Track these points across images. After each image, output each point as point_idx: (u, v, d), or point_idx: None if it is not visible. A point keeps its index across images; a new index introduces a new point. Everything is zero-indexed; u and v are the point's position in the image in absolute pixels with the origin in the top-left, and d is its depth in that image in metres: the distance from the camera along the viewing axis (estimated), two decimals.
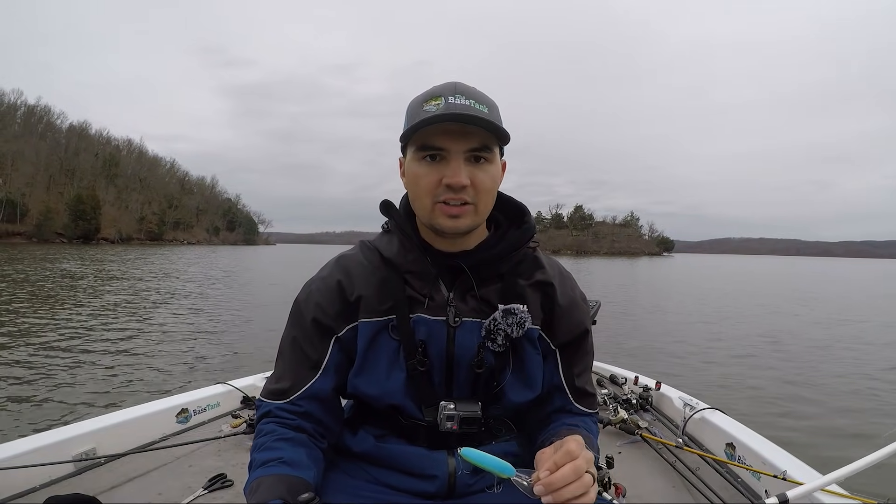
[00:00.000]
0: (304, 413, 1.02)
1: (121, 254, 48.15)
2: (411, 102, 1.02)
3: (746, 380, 7.07)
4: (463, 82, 1.01)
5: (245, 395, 2.62)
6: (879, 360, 8.56)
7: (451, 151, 0.96)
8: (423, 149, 0.97)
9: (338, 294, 1.06)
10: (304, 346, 1.05)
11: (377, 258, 1.09)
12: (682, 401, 2.53)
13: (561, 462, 0.80)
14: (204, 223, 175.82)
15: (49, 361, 6.80)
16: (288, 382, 1.04)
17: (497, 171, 1.02)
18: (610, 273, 41.12)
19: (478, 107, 0.95)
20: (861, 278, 45.02)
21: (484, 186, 0.98)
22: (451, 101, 0.95)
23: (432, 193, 0.97)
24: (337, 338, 1.06)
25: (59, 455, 1.82)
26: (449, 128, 0.95)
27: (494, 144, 0.99)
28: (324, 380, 1.04)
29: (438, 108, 0.94)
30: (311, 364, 1.04)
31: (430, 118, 0.93)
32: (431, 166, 0.97)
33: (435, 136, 0.96)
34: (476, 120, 0.93)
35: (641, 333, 10.86)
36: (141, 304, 13.22)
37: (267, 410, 1.03)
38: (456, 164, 0.95)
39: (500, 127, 0.96)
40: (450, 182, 0.95)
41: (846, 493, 1.65)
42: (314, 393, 1.03)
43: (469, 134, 0.96)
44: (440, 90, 0.98)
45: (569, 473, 0.78)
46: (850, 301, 20.58)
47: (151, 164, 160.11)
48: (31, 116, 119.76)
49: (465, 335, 1.04)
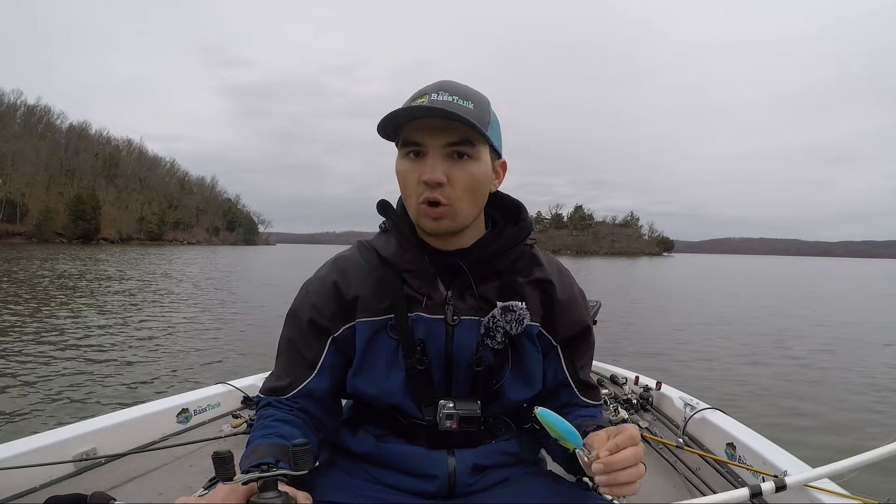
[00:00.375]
0: (300, 409, 1.04)
1: (119, 254, 48.20)
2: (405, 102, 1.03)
3: (747, 380, 7.07)
4: (454, 80, 1.00)
5: (246, 395, 2.61)
6: (880, 361, 8.57)
7: (428, 146, 0.95)
8: (405, 144, 0.98)
9: (334, 294, 1.06)
10: (301, 347, 1.06)
11: (375, 258, 1.09)
12: (683, 401, 2.53)
13: (623, 445, 0.80)
14: (204, 223, 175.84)
15: (49, 362, 6.80)
16: (285, 381, 1.05)
17: (482, 169, 0.99)
18: (610, 273, 41.16)
19: (461, 102, 0.95)
20: (861, 278, 45.03)
21: (462, 184, 0.96)
22: (434, 98, 0.94)
23: (416, 192, 0.97)
24: (333, 338, 1.06)
25: (60, 455, 1.81)
26: (428, 123, 0.94)
27: (479, 141, 0.97)
28: (319, 379, 1.05)
29: (422, 105, 0.94)
30: (307, 364, 1.05)
31: (397, 111, 0.93)
32: (414, 163, 0.97)
33: (415, 131, 0.96)
34: (446, 114, 0.90)
35: (642, 333, 10.86)
36: (141, 304, 13.22)
37: (266, 403, 1.05)
38: (433, 160, 0.95)
39: (471, 122, 0.91)
40: (425, 178, 0.94)
41: (846, 493, 1.65)
42: (309, 392, 1.04)
43: (448, 129, 0.94)
44: (427, 88, 0.98)
45: (630, 456, 0.78)
46: (850, 301, 20.58)
47: (151, 164, 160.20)
48: (30, 116, 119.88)
49: (463, 333, 1.04)
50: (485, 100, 1.01)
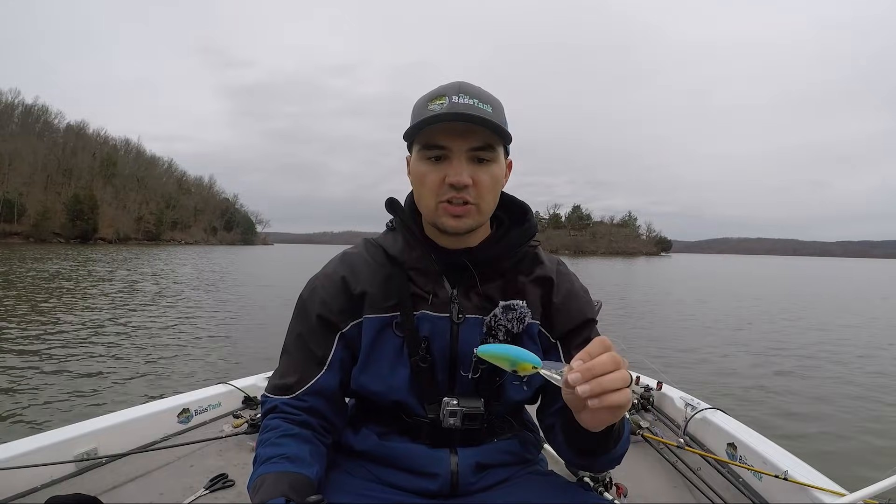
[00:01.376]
0: (308, 408, 1.02)
1: (115, 253, 48.09)
2: (417, 102, 1.03)
3: (748, 380, 7.07)
4: (468, 82, 1.01)
5: (246, 394, 2.61)
6: (880, 360, 8.58)
7: (453, 150, 0.97)
8: (427, 148, 0.98)
9: (342, 290, 1.06)
10: (310, 343, 1.06)
11: (382, 255, 1.10)
12: (684, 401, 2.53)
13: (596, 352, 0.71)
14: (202, 223, 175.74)
15: (50, 362, 6.79)
16: (293, 378, 1.04)
17: (500, 170, 1.02)
18: (608, 273, 41.13)
19: (481, 106, 0.96)
20: (861, 277, 45.05)
21: (486, 186, 0.99)
22: (455, 101, 0.95)
23: (436, 193, 0.99)
24: (342, 334, 1.06)
25: (61, 455, 1.82)
26: (452, 127, 0.95)
27: (498, 144, 1.00)
28: (329, 375, 1.04)
29: (442, 107, 0.95)
30: (316, 360, 1.05)
31: (431, 117, 0.94)
32: (435, 166, 0.98)
33: (438, 135, 0.97)
34: (477, 119, 0.93)
35: (642, 334, 10.87)
36: (141, 304, 13.18)
37: (272, 406, 1.03)
38: (458, 164, 0.96)
39: (502, 126, 0.96)
40: (452, 181, 0.96)
41: (846, 493, 1.66)
42: (319, 389, 1.03)
43: (472, 133, 0.96)
44: (445, 89, 0.98)
45: (607, 361, 0.70)
46: (851, 301, 20.60)
47: (149, 164, 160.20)
48: (28, 116, 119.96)
49: (468, 332, 1.04)
50: (500, 103, 1.02)
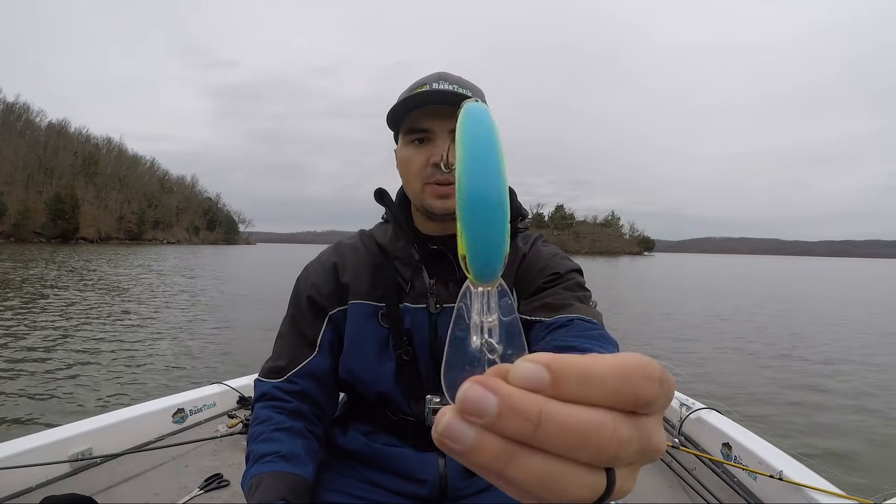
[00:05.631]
0: (300, 392, 1.02)
1: (97, 254, 47.47)
2: (400, 94, 1.04)
3: (742, 379, 7.12)
4: (448, 71, 1.03)
5: (241, 395, 2.60)
6: (878, 359, 8.69)
7: (436, 132, 0.98)
8: (411, 132, 1.00)
9: (332, 275, 1.08)
10: (301, 324, 1.06)
11: (373, 245, 1.11)
12: (678, 401, 2.55)
13: (594, 361, 0.53)
14: (184, 222, 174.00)
15: (45, 362, 6.71)
16: (285, 360, 1.04)
17: None
18: (592, 273, 41.30)
19: (461, 90, 0.98)
20: (844, 277, 45.63)
21: None
22: (435, 87, 0.97)
23: (421, 175, 0.99)
24: (330, 316, 1.06)
25: (56, 455, 1.80)
26: (434, 110, 0.97)
27: None
28: (320, 357, 1.04)
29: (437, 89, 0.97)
30: (307, 342, 1.05)
31: (410, 97, 0.96)
32: (419, 148, 0.99)
33: (420, 118, 0.98)
34: (457, 99, 0.93)
35: (635, 333, 10.93)
36: (137, 304, 13.03)
37: (263, 392, 1.03)
38: (442, 144, 0.97)
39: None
40: (436, 161, 0.96)
41: (840, 492, 1.68)
42: (311, 370, 1.03)
43: (453, 114, 0.95)
44: (426, 79, 1.02)
45: (607, 386, 0.55)
46: (837, 301, 20.88)
47: (131, 163, 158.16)
48: (9, 114, 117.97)
49: (446, 323, 0.96)
50: (481, 90, 1.04)
